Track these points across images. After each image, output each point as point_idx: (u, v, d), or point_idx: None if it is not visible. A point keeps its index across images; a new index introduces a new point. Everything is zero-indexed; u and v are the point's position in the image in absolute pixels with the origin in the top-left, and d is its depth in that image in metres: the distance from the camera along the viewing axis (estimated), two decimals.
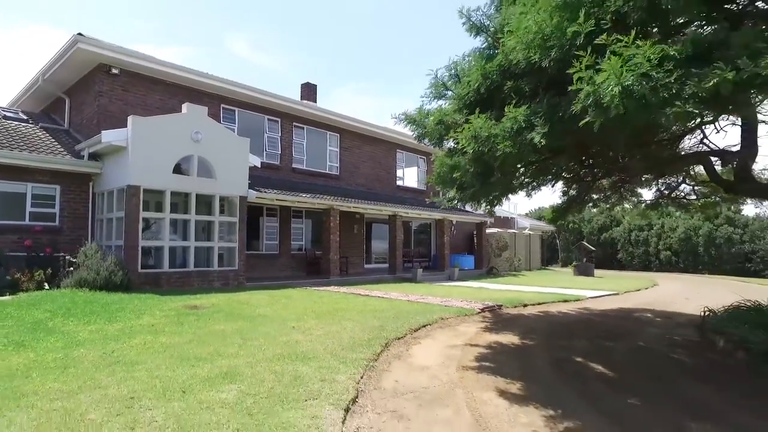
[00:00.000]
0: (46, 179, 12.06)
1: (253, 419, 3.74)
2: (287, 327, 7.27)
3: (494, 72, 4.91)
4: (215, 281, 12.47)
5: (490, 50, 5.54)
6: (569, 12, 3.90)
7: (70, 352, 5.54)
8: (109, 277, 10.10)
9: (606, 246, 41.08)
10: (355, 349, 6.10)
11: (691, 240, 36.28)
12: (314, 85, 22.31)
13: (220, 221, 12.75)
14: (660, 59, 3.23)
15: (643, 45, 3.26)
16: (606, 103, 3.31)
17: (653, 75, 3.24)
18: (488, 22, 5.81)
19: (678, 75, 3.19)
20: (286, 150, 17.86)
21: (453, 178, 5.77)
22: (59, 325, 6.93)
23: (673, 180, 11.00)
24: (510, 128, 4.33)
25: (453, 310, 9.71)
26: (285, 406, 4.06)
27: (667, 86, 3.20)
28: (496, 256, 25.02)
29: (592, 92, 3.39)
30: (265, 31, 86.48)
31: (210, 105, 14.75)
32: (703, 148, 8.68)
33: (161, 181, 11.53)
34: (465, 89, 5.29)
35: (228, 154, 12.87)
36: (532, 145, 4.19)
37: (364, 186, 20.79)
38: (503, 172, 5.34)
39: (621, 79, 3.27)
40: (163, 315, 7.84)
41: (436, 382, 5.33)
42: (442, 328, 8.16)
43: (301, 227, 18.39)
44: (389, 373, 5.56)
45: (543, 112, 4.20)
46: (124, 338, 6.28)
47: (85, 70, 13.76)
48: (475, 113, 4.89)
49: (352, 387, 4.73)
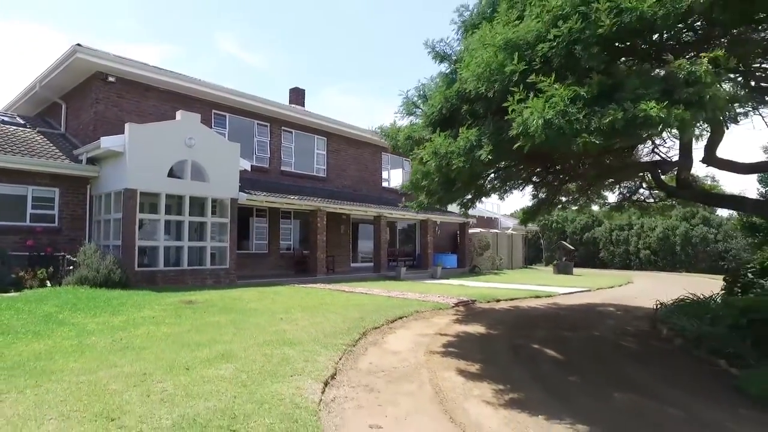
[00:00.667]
0: (46, 182, 12.71)
1: (246, 389, 4.54)
2: (276, 318, 8.06)
3: (453, 96, 5.74)
4: (208, 279, 13.20)
5: (453, 74, 6.37)
6: (509, 52, 4.73)
7: (84, 340, 6.28)
8: (108, 275, 10.79)
9: (588, 245, 42.19)
10: (336, 336, 6.92)
11: (669, 239, 37.49)
12: (302, 90, 23.05)
13: (212, 222, 13.48)
14: (572, 98, 4.07)
15: (559, 87, 4.10)
16: (532, 132, 4.15)
17: (568, 111, 4.08)
18: (450, 51, 6.67)
19: (586, 112, 4.03)
20: (275, 153, 18.60)
21: (422, 186, 6.60)
22: (68, 317, 7.65)
23: (633, 185, 11.96)
24: (464, 146, 5.16)
25: (429, 304, 10.55)
26: (273, 380, 4.86)
27: (579, 120, 4.04)
28: (479, 255, 25.94)
29: (522, 122, 4.23)
30: (254, 30, 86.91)
31: (202, 110, 15.44)
32: (655, 157, 9.63)
33: (157, 184, 12.24)
34: (431, 109, 6.12)
35: (220, 158, 13.59)
36: (480, 161, 5.03)
37: (351, 188, 21.58)
38: (462, 182, 6.19)
39: (543, 113, 4.11)
40: (161, 309, 8.57)
41: (405, 364, 6.16)
42: (417, 320, 9.00)
43: (289, 227, 19.14)
44: (365, 356, 6.38)
45: (490, 133, 5.03)
46: (129, 328, 7.02)
47: (82, 77, 14.38)
48: (437, 131, 5.73)
49: (331, 366, 5.55)
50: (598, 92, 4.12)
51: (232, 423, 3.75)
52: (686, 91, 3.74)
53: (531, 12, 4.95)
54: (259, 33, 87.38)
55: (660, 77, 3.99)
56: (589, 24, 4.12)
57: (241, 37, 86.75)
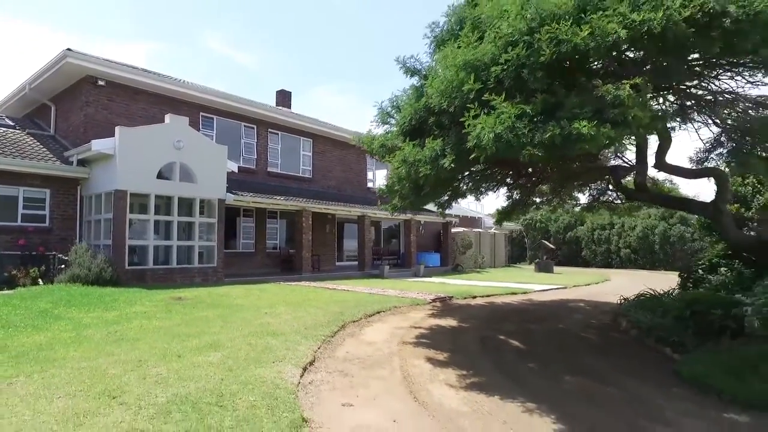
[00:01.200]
0: (37, 183, 13.07)
1: (232, 373, 5.08)
2: (261, 313, 8.59)
3: (421, 109, 6.31)
4: (196, 277, 13.67)
5: (422, 88, 6.94)
6: (468, 72, 5.32)
7: (80, 332, 6.76)
8: (100, 273, 11.23)
9: (571, 244, 43.08)
10: (316, 328, 7.47)
11: (648, 238, 38.49)
12: (289, 92, 23.57)
13: (200, 222, 13.94)
14: (519, 115, 4.67)
15: (508, 105, 4.69)
16: (484, 144, 4.73)
17: (516, 126, 4.67)
18: (420, 66, 7.27)
19: (531, 128, 4.63)
20: (261, 155, 19.07)
21: (396, 190, 7.17)
22: (64, 312, 8.10)
23: (602, 187, 12.66)
24: (430, 155, 5.74)
25: (407, 300, 11.15)
26: (257, 365, 5.41)
27: (524, 135, 4.63)
28: (461, 254, 26.62)
29: (476, 136, 4.82)
30: (242, 29, 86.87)
31: (190, 113, 15.88)
32: (620, 162, 10.32)
33: (146, 185, 12.68)
34: (402, 119, 6.70)
35: (207, 160, 14.06)
36: (444, 169, 5.62)
37: (336, 188, 22.11)
38: (430, 187, 6.78)
39: (494, 128, 4.70)
40: (152, 305, 9.05)
41: (379, 353, 6.74)
42: (394, 315, 9.58)
43: (276, 227, 19.63)
44: (342, 346, 6.94)
45: (452, 143, 5.62)
46: (122, 322, 7.51)
47: (71, 80, 14.74)
48: (407, 140, 6.32)
49: (310, 354, 6.11)
50: (541, 110, 4.72)
51: (220, 400, 4.29)
52: (613, 112, 4.35)
53: (489, 35, 5.54)
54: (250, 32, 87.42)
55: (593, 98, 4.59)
56: (533, 51, 4.72)
57: (230, 36, 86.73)
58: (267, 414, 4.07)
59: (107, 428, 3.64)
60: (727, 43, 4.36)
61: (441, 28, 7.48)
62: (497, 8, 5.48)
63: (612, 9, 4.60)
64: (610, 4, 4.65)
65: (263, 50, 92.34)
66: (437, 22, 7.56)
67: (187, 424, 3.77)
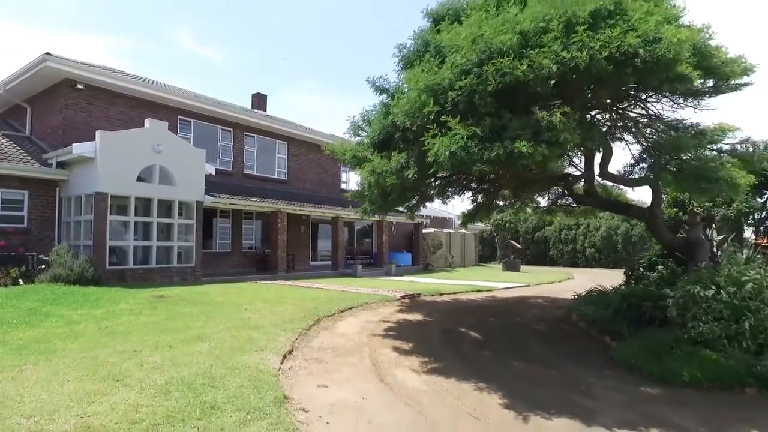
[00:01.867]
0: (15, 185, 13.32)
1: (220, 360, 5.73)
2: (241, 309, 9.21)
3: (388, 125, 7.06)
4: (175, 276, 14.13)
5: (389, 107, 7.70)
6: (429, 94, 6.10)
7: (73, 328, 7.28)
8: (81, 272, 11.61)
9: (540, 244, 44.52)
10: (293, 322, 8.15)
11: (612, 238, 40.16)
12: (264, 95, 24.05)
13: (179, 223, 14.40)
14: (470, 136, 5.46)
15: (461, 127, 5.49)
16: (441, 161, 5.52)
17: (468, 145, 5.46)
18: (388, 85, 8.06)
19: (480, 147, 5.43)
20: (238, 157, 19.55)
21: (365, 195, 7.92)
22: (52, 310, 8.56)
23: (559, 192, 13.66)
24: (395, 167, 6.51)
25: (378, 297, 11.90)
26: (242, 353, 6.07)
27: (475, 153, 5.43)
28: (432, 253, 27.54)
29: (434, 153, 5.60)
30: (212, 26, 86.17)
31: (168, 116, 16.28)
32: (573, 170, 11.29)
33: (127, 188, 13.09)
34: (372, 133, 7.45)
35: (186, 163, 14.52)
36: (408, 179, 6.39)
37: (311, 190, 22.71)
38: (396, 194, 7.55)
39: (449, 147, 5.48)
40: (136, 302, 9.57)
41: (351, 343, 7.47)
42: (365, 310, 10.33)
43: (252, 227, 20.14)
44: (317, 338, 7.65)
45: (415, 157, 6.39)
46: (111, 318, 8.04)
47: (49, 83, 14.98)
48: (376, 152, 7.07)
49: (288, 344, 6.80)
50: (489, 131, 5.53)
51: (212, 382, 4.95)
52: (547, 134, 5.19)
53: (448, 61, 6.33)
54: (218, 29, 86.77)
55: (533, 122, 5.42)
56: (482, 81, 5.52)
57: (198, 32, 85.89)
58: (253, 393, 4.75)
59: (116, 404, 4.27)
60: (639, 78, 5.23)
61: (408, 49, 8.25)
62: (455, 39, 6.28)
63: (548, 47, 5.44)
64: (547, 42, 5.49)
65: (232, 46, 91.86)
66: (404, 43, 8.35)
67: (185, 400, 4.42)
